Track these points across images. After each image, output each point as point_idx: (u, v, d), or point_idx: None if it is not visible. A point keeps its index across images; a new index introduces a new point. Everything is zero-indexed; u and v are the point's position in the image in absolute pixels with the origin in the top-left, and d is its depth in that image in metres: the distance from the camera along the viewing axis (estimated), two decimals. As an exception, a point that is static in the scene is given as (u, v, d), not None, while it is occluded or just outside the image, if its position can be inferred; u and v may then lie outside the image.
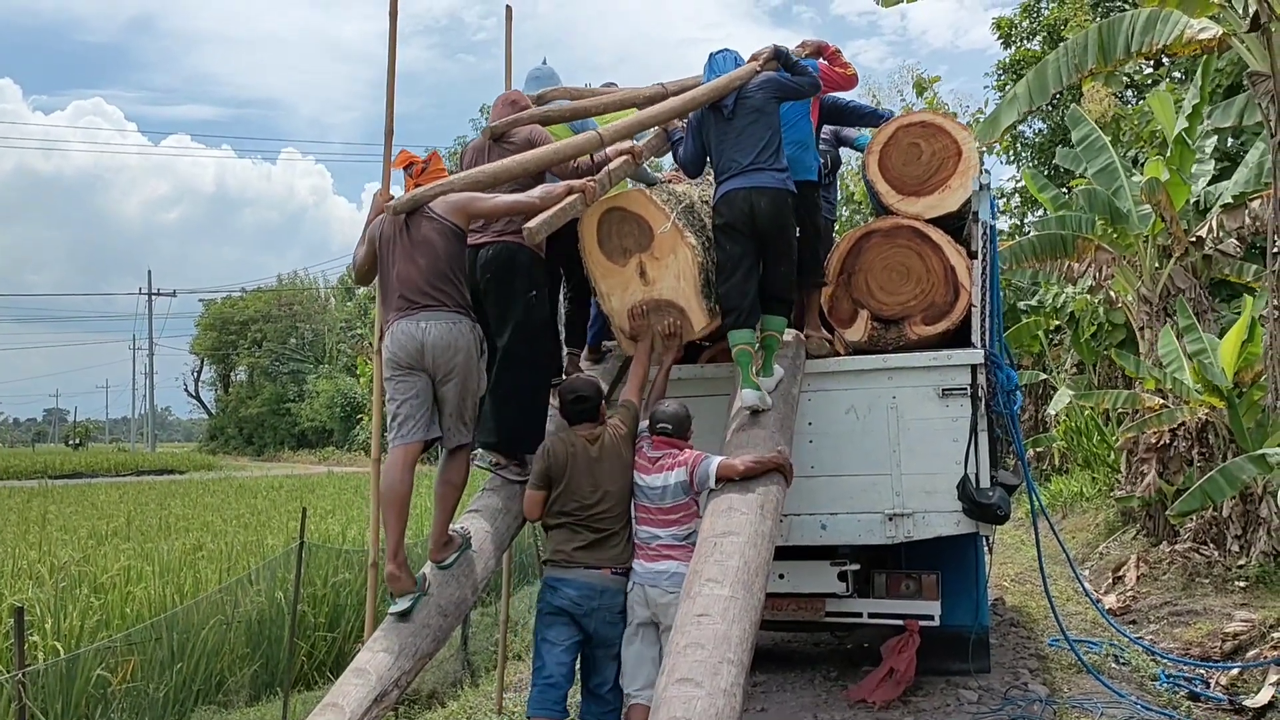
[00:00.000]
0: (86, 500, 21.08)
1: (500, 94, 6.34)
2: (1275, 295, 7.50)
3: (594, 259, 6.14)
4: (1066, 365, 19.78)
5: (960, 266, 6.73)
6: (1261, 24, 7.20)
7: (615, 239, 6.07)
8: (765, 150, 5.88)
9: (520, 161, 5.53)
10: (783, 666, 7.98)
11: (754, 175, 5.86)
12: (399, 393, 5.13)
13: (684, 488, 5.21)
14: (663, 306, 6.02)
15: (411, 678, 4.73)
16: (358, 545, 10.31)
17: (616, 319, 6.16)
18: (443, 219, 5.20)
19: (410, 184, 5.54)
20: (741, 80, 6.01)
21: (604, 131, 5.89)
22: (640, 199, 6.06)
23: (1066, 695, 7.11)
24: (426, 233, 5.17)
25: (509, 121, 5.92)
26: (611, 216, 6.06)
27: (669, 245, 5.97)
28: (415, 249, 5.16)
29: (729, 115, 5.98)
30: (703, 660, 3.93)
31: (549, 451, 5.27)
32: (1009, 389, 6.97)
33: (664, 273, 6.00)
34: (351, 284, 63.99)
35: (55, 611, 7.58)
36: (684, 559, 5.03)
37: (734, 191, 5.88)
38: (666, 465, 5.26)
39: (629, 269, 6.05)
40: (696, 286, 5.96)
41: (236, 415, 70.22)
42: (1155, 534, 11.96)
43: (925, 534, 6.54)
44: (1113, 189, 12.60)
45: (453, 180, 5.39)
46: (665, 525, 5.21)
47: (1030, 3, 23.88)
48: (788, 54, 6.21)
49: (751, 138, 5.90)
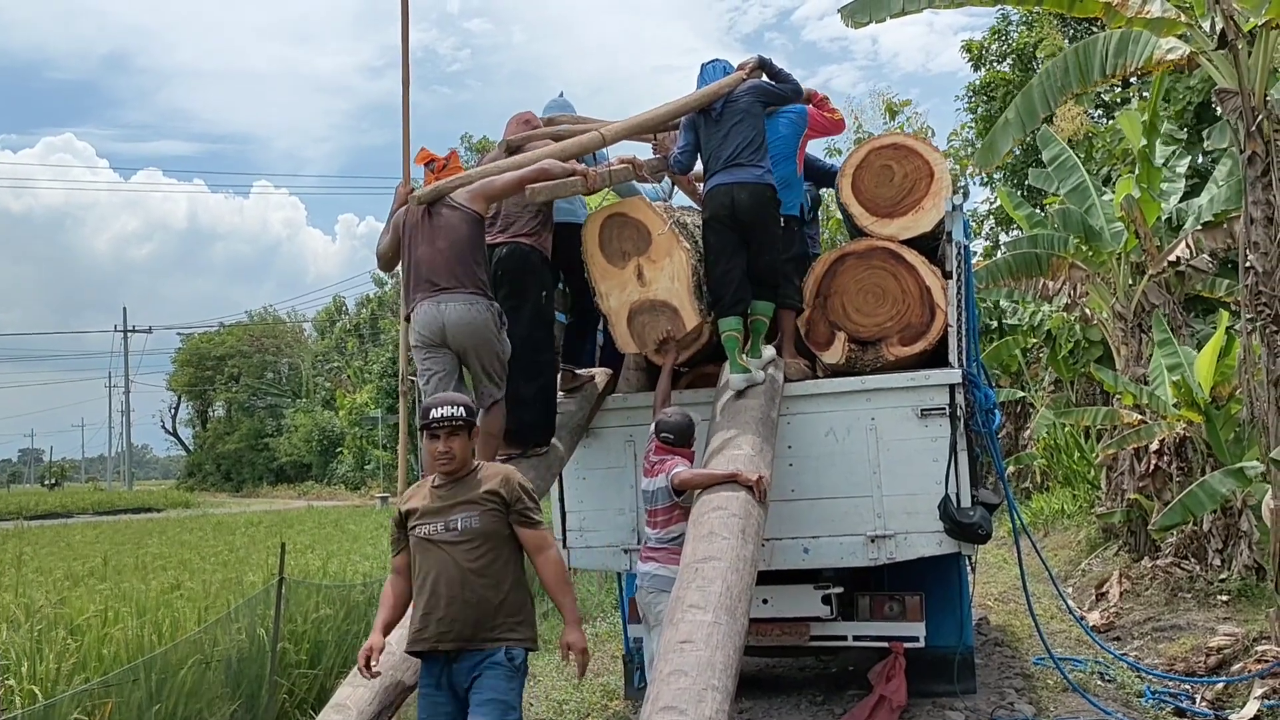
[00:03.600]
0: (62, 540, 20.81)
1: (515, 114, 6.88)
2: (1249, 310, 7.55)
3: (595, 261, 6.60)
4: (1044, 383, 19.85)
5: (936, 287, 6.75)
6: (1229, 41, 7.27)
7: (616, 243, 6.55)
8: (748, 148, 6.40)
9: (531, 158, 6.12)
10: (768, 692, 7.92)
11: (735, 171, 6.39)
12: (427, 367, 5.75)
13: (667, 493, 5.66)
14: (658, 306, 6.48)
15: (393, 712, 4.69)
16: (338, 580, 10.21)
17: (614, 318, 6.60)
18: (464, 207, 5.76)
19: (430, 178, 6.03)
20: (730, 86, 6.56)
21: (605, 132, 6.50)
22: (640, 205, 6.61)
23: (1053, 714, 7.09)
24: (448, 220, 5.74)
25: (524, 137, 6.56)
26: (613, 222, 6.58)
27: (665, 248, 6.45)
28: (437, 235, 5.72)
29: (717, 117, 6.53)
30: (686, 688, 3.89)
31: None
32: (987, 408, 6.99)
33: (659, 274, 6.47)
34: (331, 316, 63.93)
35: (31, 655, 7.46)
36: (664, 560, 5.61)
37: (717, 187, 6.43)
38: (659, 470, 5.73)
39: (627, 271, 6.53)
40: (689, 287, 6.42)
41: (214, 451, 69.79)
42: (1137, 550, 11.99)
43: (908, 555, 6.53)
44: (1085, 207, 12.70)
45: (469, 174, 6.00)
46: (654, 527, 5.77)
47: (999, 26, 24.13)
48: (771, 63, 6.75)
49: (736, 137, 6.42)
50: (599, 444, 7.15)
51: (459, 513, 4.39)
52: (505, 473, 4.58)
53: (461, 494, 4.44)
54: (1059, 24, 21.56)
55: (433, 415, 4.43)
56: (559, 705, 7.98)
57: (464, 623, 4.27)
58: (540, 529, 4.52)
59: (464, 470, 4.51)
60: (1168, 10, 7.59)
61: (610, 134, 6.54)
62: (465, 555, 4.31)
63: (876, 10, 8.19)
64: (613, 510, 7.07)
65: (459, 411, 4.46)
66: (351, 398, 51.60)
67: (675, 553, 5.44)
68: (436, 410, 4.44)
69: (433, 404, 4.50)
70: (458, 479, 4.49)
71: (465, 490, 4.45)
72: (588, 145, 6.42)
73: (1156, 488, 11.44)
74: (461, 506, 4.39)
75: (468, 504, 4.39)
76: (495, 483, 4.46)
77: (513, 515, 4.43)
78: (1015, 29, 23.67)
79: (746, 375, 6.32)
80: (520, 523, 4.44)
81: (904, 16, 8.18)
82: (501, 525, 4.41)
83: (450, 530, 4.35)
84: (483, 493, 4.41)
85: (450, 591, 4.27)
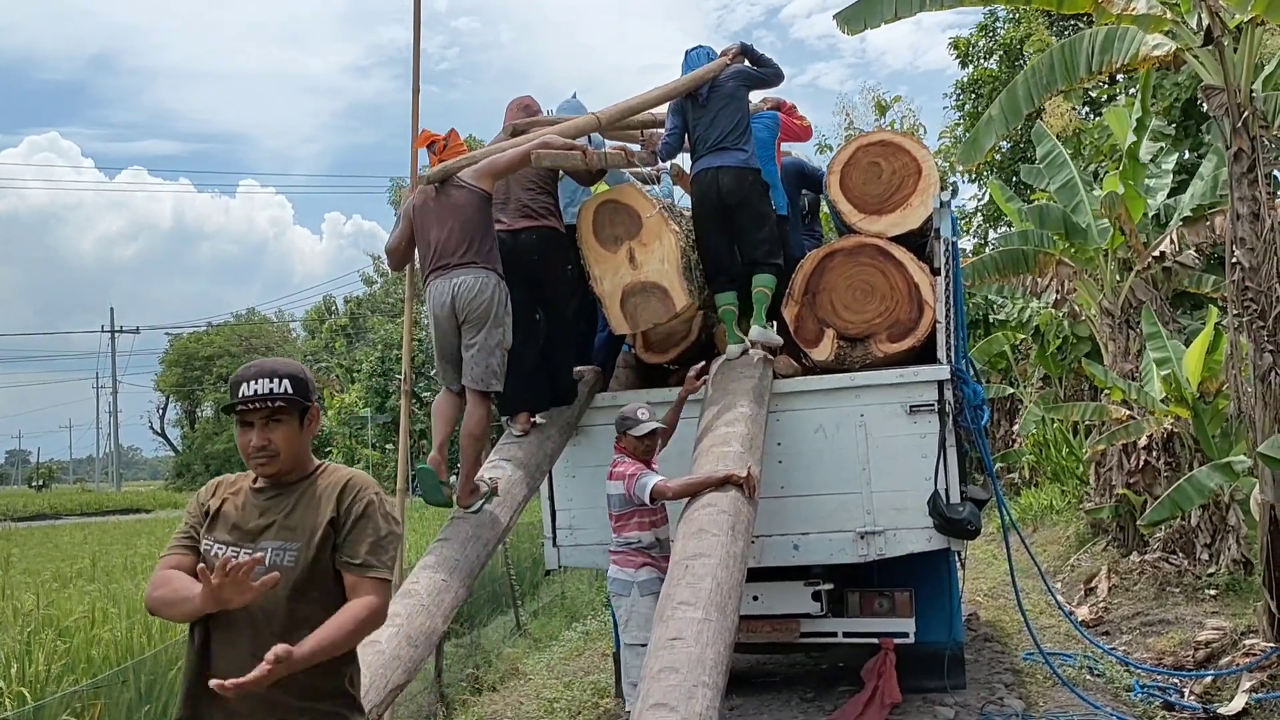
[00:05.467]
0: (50, 542, 20.77)
1: (514, 98, 7.18)
2: (1235, 305, 7.57)
3: (589, 246, 6.83)
4: (1033, 379, 19.88)
5: (924, 283, 6.76)
6: (1215, 38, 7.29)
7: (609, 228, 6.80)
8: (733, 132, 6.67)
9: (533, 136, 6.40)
10: (759, 689, 7.93)
11: (719, 154, 6.66)
12: (438, 350, 6.07)
13: (622, 499, 5.87)
14: (649, 288, 6.70)
15: (383, 710, 4.66)
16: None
17: (608, 301, 6.82)
18: (472, 186, 5.97)
19: (434, 160, 6.23)
20: (715, 72, 6.79)
21: (601, 114, 6.76)
22: (631, 192, 6.85)
23: (1043, 709, 7.11)
24: (456, 199, 5.95)
25: (527, 122, 6.88)
26: (605, 208, 6.82)
27: (655, 232, 6.69)
28: (446, 214, 5.94)
29: (703, 102, 6.76)
30: (677, 685, 3.89)
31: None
32: (976, 404, 7.01)
33: (650, 257, 6.70)
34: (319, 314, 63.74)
35: (20, 656, 7.44)
36: (622, 564, 5.91)
37: (702, 171, 6.72)
38: (614, 475, 5.96)
39: (620, 255, 6.76)
40: (679, 269, 6.64)
41: (203, 452, 69.43)
42: (1125, 545, 12.01)
43: (897, 551, 6.55)
44: (1072, 204, 12.71)
45: (474, 154, 6.26)
46: (614, 531, 5.99)
47: (987, 23, 24.16)
48: (753, 49, 6.96)
49: (721, 121, 6.68)
50: (588, 442, 7.15)
51: (273, 540, 2.96)
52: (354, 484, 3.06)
53: (281, 511, 3.02)
54: (1046, 20, 21.60)
55: (241, 391, 2.98)
56: (550, 704, 7.97)
57: (260, 710, 2.85)
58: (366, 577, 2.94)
59: (293, 473, 3.08)
60: (1154, 7, 7.61)
61: (605, 116, 6.79)
62: (269, 598, 2.80)
63: (871, 16, 8.17)
64: (602, 509, 7.05)
65: (282, 387, 2.99)
66: (340, 397, 51.46)
67: (632, 555, 5.87)
68: (248, 384, 2.98)
69: (243, 376, 3.02)
70: (283, 485, 3.07)
71: (290, 506, 3.03)
72: (584, 127, 6.66)
73: (1145, 483, 11.47)
74: (279, 532, 2.97)
75: (287, 530, 2.97)
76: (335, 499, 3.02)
77: (342, 555, 2.96)
78: (1003, 25, 23.70)
79: (741, 345, 6.67)
80: (350, 566, 2.95)
81: (897, 20, 8.17)
82: (328, 563, 2.97)
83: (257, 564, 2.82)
84: (314, 515, 2.99)
85: (243, 660, 2.72)
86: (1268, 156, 7.58)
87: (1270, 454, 7.04)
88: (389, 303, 53.13)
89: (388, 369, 44.59)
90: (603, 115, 6.79)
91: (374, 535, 2.98)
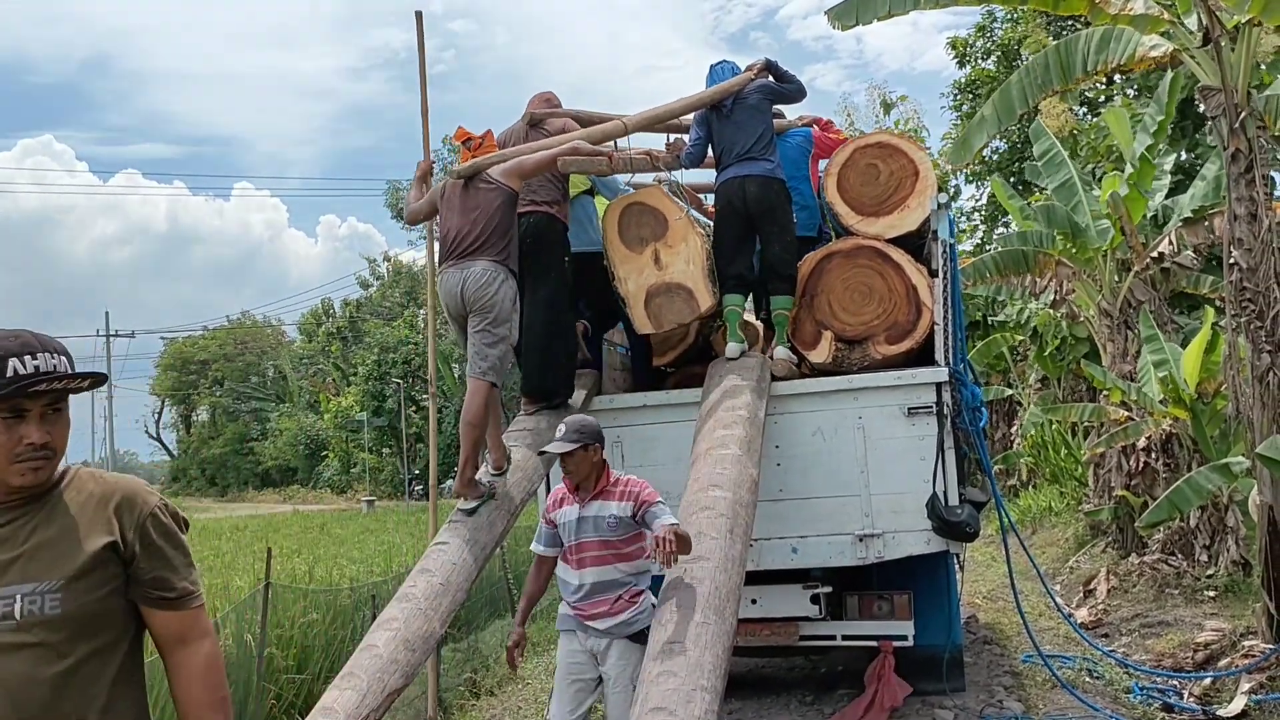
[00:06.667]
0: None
1: (537, 92, 7.33)
2: (1234, 306, 7.56)
3: (614, 247, 6.96)
4: (1031, 380, 19.89)
5: (922, 285, 6.75)
6: (1212, 39, 7.28)
7: (634, 229, 6.93)
8: (758, 143, 6.79)
9: (563, 139, 6.54)
10: (757, 692, 7.91)
11: (746, 164, 6.78)
12: (459, 339, 6.17)
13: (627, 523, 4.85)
14: (673, 289, 6.82)
15: (380, 715, 4.63)
16: (325, 584, 10.16)
17: (632, 301, 6.90)
18: (499, 183, 6.06)
19: (466, 156, 6.35)
20: (739, 85, 6.95)
21: (627, 121, 6.93)
22: (658, 194, 7.02)
23: (1042, 711, 7.09)
24: (482, 195, 6.05)
25: (546, 112, 7.05)
26: (632, 210, 6.97)
27: (681, 234, 6.84)
28: (470, 208, 6.03)
29: (728, 113, 6.90)
30: (676, 688, 3.86)
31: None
32: (974, 405, 6.98)
33: (675, 258, 6.84)
34: (314, 319, 63.66)
35: None
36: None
37: (728, 180, 6.83)
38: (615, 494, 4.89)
39: (645, 256, 6.90)
40: (704, 270, 6.79)
41: (199, 456, 69.43)
42: (1124, 546, 12.00)
43: (896, 554, 6.52)
44: (1071, 204, 12.71)
45: (504, 153, 6.36)
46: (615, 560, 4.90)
47: (984, 23, 24.18)
48: (777, 65, 7.08)
49: (746, 131, 6.81)
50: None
51: (20, 583, 2.20)
52: (132, 496, 2.36)
53: (22, 540, 2.24)
54: (1043, 21, 21.61)
55: (26, 366, 2.24)
56: (547, 708, 7.94)
57: None
58: (190, 608, 2.38)
59: (46, 483, 2.31)
60: (1151, 8, 7.60)
61: (631, 124, 6.95)
62: (29, 662, 2.16)
63: (864, 13, 8.17)
64: None
65: (66, 366, 2.32)
66: (336, 401, 51.44)
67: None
68: (32, 358, 2.26)
69: (19, 349, 2.25)
70: (16, 506, 2.28)
71: (31, 530, 2.26)
72: (610, 132, 6.83)
73: (1144, 484, 11.47)
74: (26, 569, 2.21)
75: (36, 565, 2.22)
76: (111, 518, 2.30)
77: (146, 589, 2.33)
78: (1000, 25, 23.72)
79: (741, 346, 6.72)
80: (167, 601, 2.35)
81: (890, 19, 8.15)
82: (111, 602, 2.28)
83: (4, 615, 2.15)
84: (76, 540, 2.25)
85: None
86: (1265, 157, 7.57)
87: (1268, 455, 7.02)
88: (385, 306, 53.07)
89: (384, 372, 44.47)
90: (629, 122, 6.96)
91: (181, 554, 2.38)
